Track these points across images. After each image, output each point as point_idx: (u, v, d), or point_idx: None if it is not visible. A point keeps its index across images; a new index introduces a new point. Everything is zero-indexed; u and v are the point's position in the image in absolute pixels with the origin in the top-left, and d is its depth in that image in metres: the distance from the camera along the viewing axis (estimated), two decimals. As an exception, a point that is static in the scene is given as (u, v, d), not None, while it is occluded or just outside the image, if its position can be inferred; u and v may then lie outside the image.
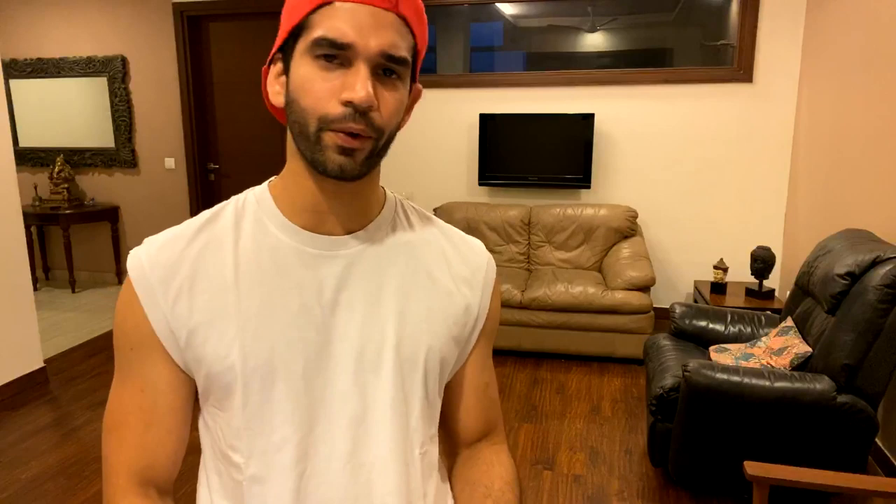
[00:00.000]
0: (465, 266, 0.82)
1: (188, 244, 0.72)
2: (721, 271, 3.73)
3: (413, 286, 0.77)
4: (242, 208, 0.75)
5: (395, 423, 0.74)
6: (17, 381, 3.24)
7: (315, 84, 0.65)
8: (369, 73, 0.64)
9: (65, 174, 5.04)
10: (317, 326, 0.71)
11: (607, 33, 4.23)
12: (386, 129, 0.68)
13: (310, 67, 0.65)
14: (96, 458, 2.64)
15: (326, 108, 0.65)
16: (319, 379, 0.71)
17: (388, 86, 0.67)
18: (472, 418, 0.87)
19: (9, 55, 5.11)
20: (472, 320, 0.81)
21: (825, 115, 3.40)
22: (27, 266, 3.29)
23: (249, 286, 0.71)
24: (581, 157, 4.12)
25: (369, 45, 0.64)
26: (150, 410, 0.72)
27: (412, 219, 0.82)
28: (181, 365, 0.72)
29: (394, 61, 0.65)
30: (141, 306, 0.70)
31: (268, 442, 0.70)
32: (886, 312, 2.04)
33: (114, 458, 0.74)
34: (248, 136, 4.93)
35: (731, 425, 2.17)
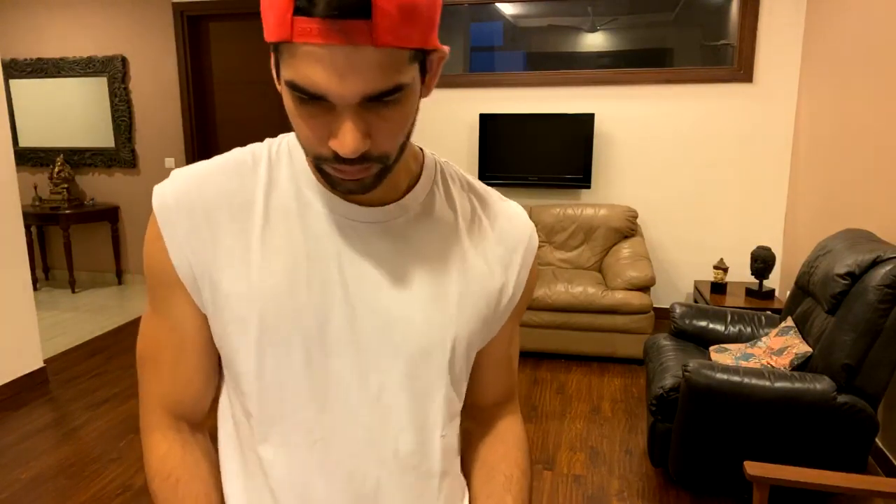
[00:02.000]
0: (503, 243, 0.76)
1: (219, 189, 0.68)
2: (721, 271, 3.73)
3: (445, 266, 0.72)
4: (277, 159, 0.72)
5: (411, 406, 0.71)
6: (17, 381, 3.24)
7: (301, 123, 0.59)
8: (354, 119, 0.56)
9: (65, 174, 5.04)
10: (339, 299, 0.67)
11: (607, 33, 4.22)
12: (391, 151, 0.61)
13: (292, 102, 0.58)
14: (96, 458, 2.64)
15: (318, 150, 0.60)
16: (338, 352, 0.68)
17: (385, 111, 0.58)
18: (492, 389, 0.86)
19: (9, 55, 5.11)
20: (505, 300, 0.77)
21: (825, 114, 3.40)
22: (27, 266, 3.29)
23: (275, 249, 0.67)
24: (581, 157, 4.11)
25: (346, 95, 0.55)
26: (178, 348, 0.72)
27: (452, 188, 0.76)
28: (202, 309, 0.71)
29: (384, 95, 0.56)
30: (165, 246, 0.68)
31: (281, 411, 0.69)
32: (887, 312, 2.04)
33: (147, 389, 0.75)
34: (248, 136, 4.93)
35: (732, 425, 2.17)
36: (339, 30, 0.51)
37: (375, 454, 0.71)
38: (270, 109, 4.85)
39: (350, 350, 0.68)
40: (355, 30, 0.52)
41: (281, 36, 0.54)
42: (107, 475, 2.52)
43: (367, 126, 0.58)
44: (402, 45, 0.54)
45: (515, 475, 0.82)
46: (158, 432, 0.75)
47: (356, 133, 0.57)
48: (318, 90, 0.55)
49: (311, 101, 0.56)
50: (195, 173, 0.70)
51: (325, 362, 0.68)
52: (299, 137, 0.61)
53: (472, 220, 0.75)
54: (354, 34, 0.52)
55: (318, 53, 0.53)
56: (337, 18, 0.51)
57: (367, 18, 0.51)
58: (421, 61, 0.58)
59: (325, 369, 0.68)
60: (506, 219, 0.78)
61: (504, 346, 0.84)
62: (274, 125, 4.86)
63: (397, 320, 0.69)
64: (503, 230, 0.77)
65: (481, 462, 0.85)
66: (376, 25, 0.52)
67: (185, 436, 0.75)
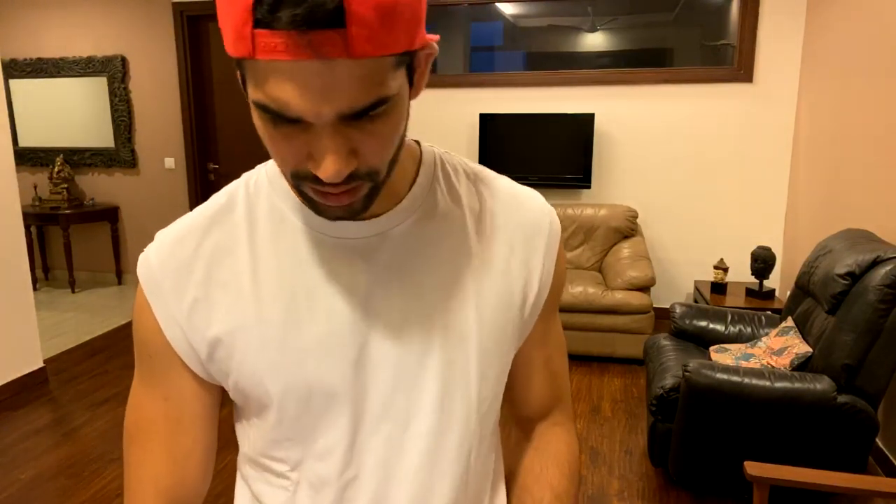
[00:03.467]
0: (520, 234, 0.68)
1: (200, 242, 0.63)
2: (721, 271, 3.73)
3: (458, 272, 0.64)
4: (255, 191, 0.65)
5: (441, 428, 0.65)
6: (17, 381, 3.24)
7: (275, 145, 0.51)
8: (334, 137, 0.49)
9: (64, 174, 5.04)
10: (349, 329, 0.62)
11: (607, 33, 4.22)
12: (381, 166, 0.54)
13: (263, 123, 0.51)
14: (96, 458, 2.64)
15: (296, 167, 0.52)
16: (359, 384, 0.62)
17: (369, 125, 0.50)
18: (533, 396, 0.78)
19: (9, 55, 5.11)
20: (532, 296, 0.69)
21: (825, 114, 3.40)
22: (27, 266, 3.29)
23: (270, 290, 0.62)
24: (581, 157, 4.11)
25: (322, 114, 0.47)
26: (176, 420, 0.66)
27: (455, 182, 0.68)
28: (205, 376, 0.65)
29: (368, 110, 0.49)
30: (154, 316, 0.63)
31: (310, 451, 0.64)
32: (887, 312, 2.04)
33: (139, 472, 0.67)
34: (248, 136, 4.93)
35: (732, 425, 2.17)
36: (308, 43, 0.44)
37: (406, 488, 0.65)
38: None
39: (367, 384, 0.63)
40: (327, 42, 0.44)
41: (241, 52, 0.46)
42: (107, 475, 2.52)
43: (350, 144, 0.50)
44: (384, 53, 0.46)
45: (546, 499, 0.74)
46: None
47: (338, 155, 0.49)
48: (289, 112, 0.47)
49: (284, 122, 0.49)
50: (176, 232, 0.64)
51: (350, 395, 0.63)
52: (275, 160, 0.54)
53: (482, 214, 0.67)
54: (326, 47, 0.44)
55: (286, 71, 0.45)
56: (305, 30, 0.43)
57: (341, 27, 0.43)
58: (407, 64, 0.51)
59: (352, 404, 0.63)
60: (519, 206, 0.69)
61: (539, 346, 0.75)
62: (274, 125, 4.85)
63: (413, 343, 0.63)
64: (518, 219, 0.69)
65: (518, 482, 0.78)
66: (351, 35, 0.44)
67: None
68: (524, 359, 0.75)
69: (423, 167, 0.66)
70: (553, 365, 0.78)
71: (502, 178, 0.72)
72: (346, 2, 0.43)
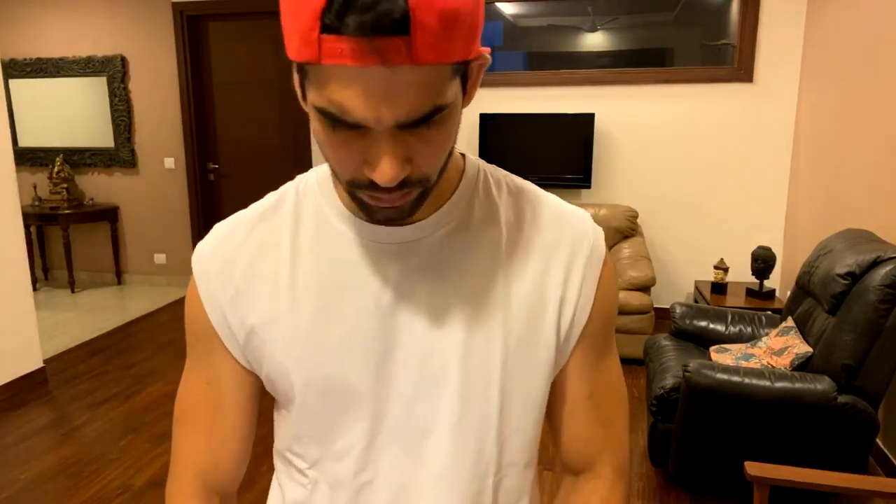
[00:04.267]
0: (559, 252, 0.66)
1: (247, 236, 0.67)
2: (721, 271, 3.73)
3: (488, 286, 0.64)
4: (304, 193, 0.67)
5: (458, 443, 0.64)
6: (17, 382, 3.24)
7: (333, 150, 0.53)
8: (392, 144, 0.50)
9: (64, 174, 5.04)
10: (375, 332, 0.62)
11: (607, 33, 4.22)
12: (433, 173, 0.55)
13: (322, 127, 0.52)
14: (96, 458, 2.64)
15: (352, 175, 0.54)
16: (380, 388, 0.63)
17: (425, 132, 0.51)
18: (570, 434, 0.71)
19: (9, 55, 5.11)
20: (566, 322, 0.66)
21: (826, 114, 3.40)
22: (27, 266, 3.29)
23: (305, 286, 0.64)
24: (581, 157, 4.11)
25: (382, 120, 0.48)
26: (215, 404, 0.69)
27: (496, 196, 0.67)
28: (244, 363, 0.68)
29: (426, 118, 0.50)
30: (201, 301, 0.67)
31: (328, 451, 0.66)
32: (887, 313, 2.04)
33: (180, 448, 0.72)
34: (248, 136, 4.93)
35: (732, 425, 2.17)
36: (374, 49, 0.45)
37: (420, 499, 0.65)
38: (270, 109, 4.85)
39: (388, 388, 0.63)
40: (392, 48, 0.45)
41: (307, 57, 0.47)
42: (107, 475, 2.52)
43: (406, 150, 0.51)
44: (444, 61, 0.47)
45: None
46: (187, 500, 0.71)
47: (395, 161, 0.50)
48: (350, 117, 0.49)
49: (343, 127, 0.50)
50: (229, 225, 0.68)
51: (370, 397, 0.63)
52: (330, 164, 0.56)
53: (520, 231, 0.66)
54: (391, 53, 0.45)
55: (350, 76, 0.46)
56: (371, 36, 0.44)
57: (405, 35, 0.44)
58: (462, 73, 0.52)
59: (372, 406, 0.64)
60: (560, 225, 0.67)
61: (579, 379, 0.69)
62: (274, 125, 4.86)
63: (435, 353, 0.63)
64: (556, 238, 0.66)
65: None
66: (415, 42, 0.45)
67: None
68: (561, 391, 0.70)
69: (464, 178, 0.66)
70: (600, 406, 0.71)
71: (549, 196, 0.70)
72: (411, 10, 0.44)
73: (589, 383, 0.70)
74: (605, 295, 0.68)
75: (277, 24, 4.64)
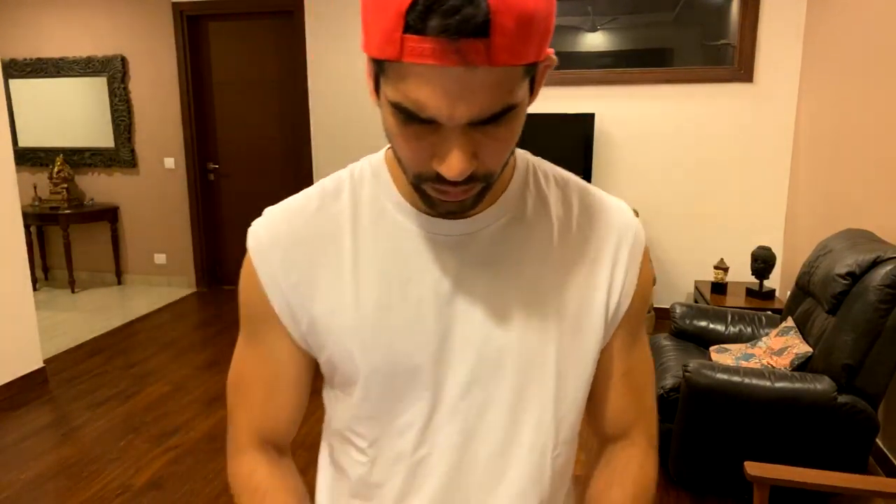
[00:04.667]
0: (606, 242, 0.70)
1: (307, 223, 0.68)
2: (721, 271, 3.73)
3: (542, 275, 0.67)
4: (360, 183, 0.69)
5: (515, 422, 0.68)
6: (17, 382, 3.24)
7: (404, 143, 0.56)
8: (462, 140, 0.53)
9: (64, 174, 5.04)
10: (435, 318, 0.65)
11: (607, 33, 4.22)
12: (497, 169, 0.58)
13: (395, 122, 0.55)
14: (96, 458, 2.64)
15: (420, 168, 0.57)
16: (440, 370, 0.66)
17: (494, 129, 0.54)
18: (609, 407, 0.77)
19: (8, 55, 5.11)
20: (612, 305, 0.70)
21: (826, 114, 3.40)
22: (27, 266, 3.29)
23: (368, 276, 0.66)
24: (581, 157, 4.11)
25: (456, 117, 0.51)
26: (272, 381, 0.72)
27: (546, 190, 0.71)
28: (302, 345, 0.70)
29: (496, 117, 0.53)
30: (261, 284, 0.68)
31: (389, 429, 0.69)
32: (887, 313, 2.04)
33: (237, 416, 0.76)
34: (248, 136, 4.93)
35: (732, 425, 2.17)
36: (456, 50, 0.47)
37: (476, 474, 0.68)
38: (270, 109, 4.85)
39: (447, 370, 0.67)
40: (472, 49, 0.47)
41: (388, 55, 0.50)
42: (107, 475, 2.52)
43: (474, 146, 0.54)
44: (519, 63, 0.50)
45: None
46: (246, 454, 0.75)
47: (464, 156, 0.53)
48: (426, 113, 0.51)
49: (416, 122, 0.53)
50: (285, 209, 0.70)
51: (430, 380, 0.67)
52: (399, 156, 0.58)
53: (568, 221, 0.70)
54: (471, 55, 0.47)
55: (429, 75, 0.49)
56: (453, 38, 0.46)
57: (485, 37, 0.47)
58: (532, 74, 0.54)
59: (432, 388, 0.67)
60: (605, 216, 0.71)
61: (618, 358, 0.74)
62: (274, 125, 4.86)
63: (493, 339, 0.66)
64: (604, 229, 0.70)
65: (584, 499, 0.79)
66: (494, 45, 0.47)
67: (272, 456, 0.75)
68: (601, 369, 0.75)
69: (516, 172, 0.70)
70: (634, 381, 0.76)
71: (593, 188, 0.74)
72: (492, 14, 0.46)
73: (625, 361, 0.75)
74: (644, 281, 0.73)
75: (277, 24, 4.65)
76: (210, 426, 2.88)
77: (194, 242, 5.10)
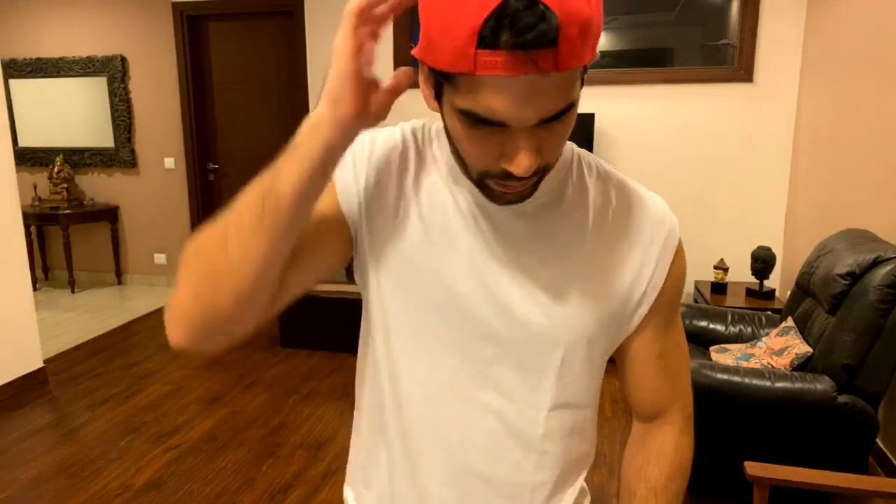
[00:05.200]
0: (638, 236, 0.74)
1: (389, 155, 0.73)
2: (721, 271, 3.73)
3: (571, 258, 0.71)
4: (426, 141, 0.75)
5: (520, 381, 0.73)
6: (17, 381, 3.24)
7: (471, 145, 0.60)
8: (529, 139, 0.57)
9: (64, 174, 5.04)
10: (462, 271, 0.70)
11: (607, 33, 4.22)
12: (555, 160, 0.64)
13: (462, 126, 0.58)
14: (96, 458, 2.64)
15: (486, 167, 0.61)
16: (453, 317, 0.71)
17: (556, 125, 0.58)
18: (645, 389, 0.81)
19: (8, 55, 5.11)
20: (637, 295, 0.74)
21: (825, 114, 3.40)
22: (27, 266, 3.29)
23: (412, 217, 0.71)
24: (581, 157, 4.11)
25: (526, 119, 0.55)
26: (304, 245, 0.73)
27: (587, 178, 0.75)
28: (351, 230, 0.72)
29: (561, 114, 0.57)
30: (351, 173, 0.71)
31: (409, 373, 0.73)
32: (887, 313, 2.04)
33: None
34: (248, 136, 4.93)
35: (732, 425, 2.17)
36: (529, 61, 0.50)
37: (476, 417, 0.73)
38: (270, 109, 4.85)
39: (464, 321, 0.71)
40: (542, 59, 0.51)
41: (461, 69, 0.52)
42: (107, 475, 2.52)
43: (538, 143, 0.58)
44: (581, 65, 0.54)
45: (640, 492, 0.80)
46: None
47: (531, 153, 0.57)
48: (498, 118, 0.55)
49: (485, 125, 0.56)
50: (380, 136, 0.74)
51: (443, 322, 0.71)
52: (465, 157, 0.62)
53: (604, 212, 0.73)
54: (541, 63, 0.51)
55: (503, 84, 0.52)
56: (525, 50, 0.50)
57: (553, 47, 0.50)
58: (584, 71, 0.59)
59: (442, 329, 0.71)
60: (642, 209, 0.75)
61: (652, 342, 0.78)
62: (274, 125, 4.85)
63: (513, 304, 0.70)
64: (639, 221, 0.74)
65: (622, 476, 0.85)
66: (561, 53, 0.51)
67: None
68: (636, 352, 0.79)
69: (561, 159, 0.73)
70: (669, 364, 0.80)
71: (632, 182, 0.78)
72: (560, 26, 0.50)
73: (659, 345, 0.78)
74: (677, 273, 0.76)
75: (277, 25, 4.65)
76: (210, 426, 2.88)
77: (194, 242, 5.09)
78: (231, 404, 3.10)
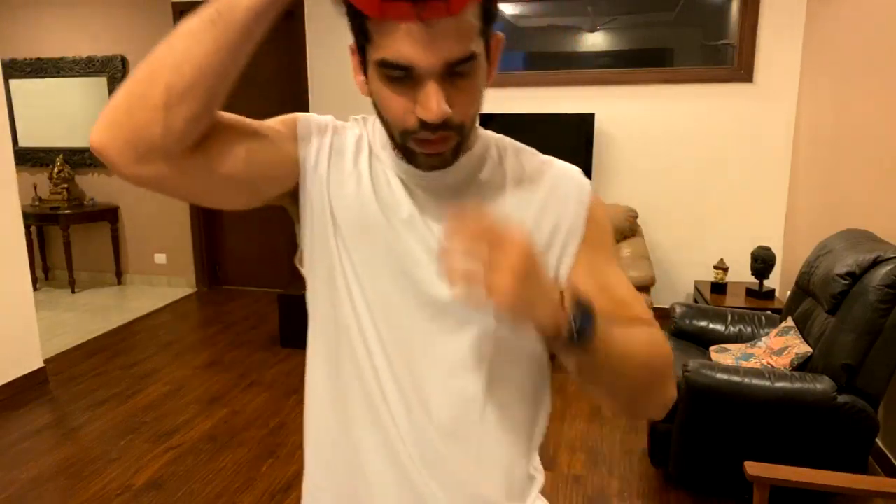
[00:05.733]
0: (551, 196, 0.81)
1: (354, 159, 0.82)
2: (721, 271, 3.73)
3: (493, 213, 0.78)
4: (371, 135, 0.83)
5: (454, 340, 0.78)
6: (17, 381, 3.24)
7: (390, 101, 0.68)
8: (438, 86, 0.65)
9: (64, 174, 5.04)
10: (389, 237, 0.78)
11: (607, 33, 4.22)
12: (467, 121, 0.70)
13: (382, 83, 0.68)
14: (96, 458, 2.64)
15: (405, 124, 0.69)
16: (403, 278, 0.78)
17: (461, 81, 0.67)
18: None
19: (9, 55, 5.11)
20: (558, 242, 0.80)
21: (825, 114, 3.40)
22: (27, 266, 3.29)
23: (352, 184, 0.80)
24: (581, 157, 4.11)
25: (431, 63, 0.64)
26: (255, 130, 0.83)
27: (505, 156, 0.83)
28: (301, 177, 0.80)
29: (462, 62, 0.65)
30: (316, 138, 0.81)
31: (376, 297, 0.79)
32: (887, 312, 2.04)
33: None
34: (248, 136, 4.92)
35: (732, 425, 2.17)
36: (424, 7, 0.61)
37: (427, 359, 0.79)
38: (270, 109, 4.83)
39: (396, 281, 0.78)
40: (436, 7, 0.61)
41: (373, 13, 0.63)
42: (107, 475, 2.52)
43: (447, 94, 0.66)
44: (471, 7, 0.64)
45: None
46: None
47: (439, 97, 0.65)
48: (407, 61, 0.64)
49: (398, 80, 0.66)
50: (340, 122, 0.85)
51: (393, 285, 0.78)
52: (387, 117, 0.70)
53: (521, 182, 0.82)
54: (435, 10, 0.61)
55: (407, 28, 0.62)
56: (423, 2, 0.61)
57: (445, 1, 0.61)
58: (485, 42, 0.69)
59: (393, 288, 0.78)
60: (552, 171, 0.83)
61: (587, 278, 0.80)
62: (274, 125, 4.85)
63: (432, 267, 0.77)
64: (550, 182, 0.82)
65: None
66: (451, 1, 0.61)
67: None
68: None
69: (480, 140, 0.82)
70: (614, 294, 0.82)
71: (545, 157, 0.87)
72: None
73: (597, 278, 0.81)
74: (595, 216, 0.82)
75: (277, 24, 4.64)
76: (210, 426, 2.88)
77: (194, 242, 5.10)
78: (231, 404, 3.10)
